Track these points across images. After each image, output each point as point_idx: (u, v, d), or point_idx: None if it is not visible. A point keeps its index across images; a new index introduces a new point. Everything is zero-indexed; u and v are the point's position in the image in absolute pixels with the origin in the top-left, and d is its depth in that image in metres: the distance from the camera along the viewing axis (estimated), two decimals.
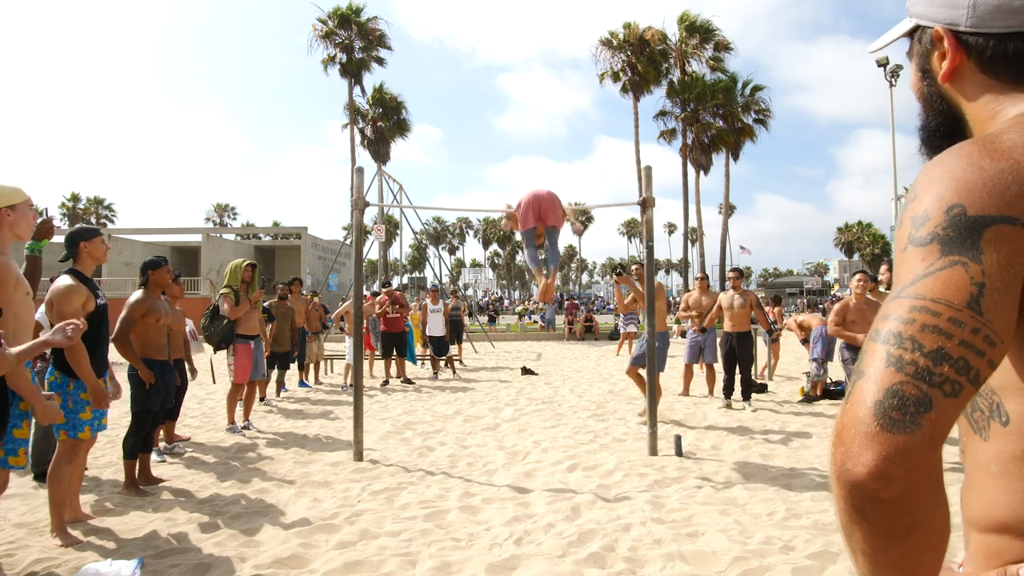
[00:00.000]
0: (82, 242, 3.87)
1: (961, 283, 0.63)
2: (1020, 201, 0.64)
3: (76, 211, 59.14)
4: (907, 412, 0.60)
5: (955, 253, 0.64)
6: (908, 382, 0.61)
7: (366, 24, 31.71)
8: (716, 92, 31.18)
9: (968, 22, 0.75)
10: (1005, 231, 0.64)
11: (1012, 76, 0.75)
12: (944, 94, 0.83)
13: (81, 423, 3.79)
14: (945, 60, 0.79)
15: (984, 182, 0.65)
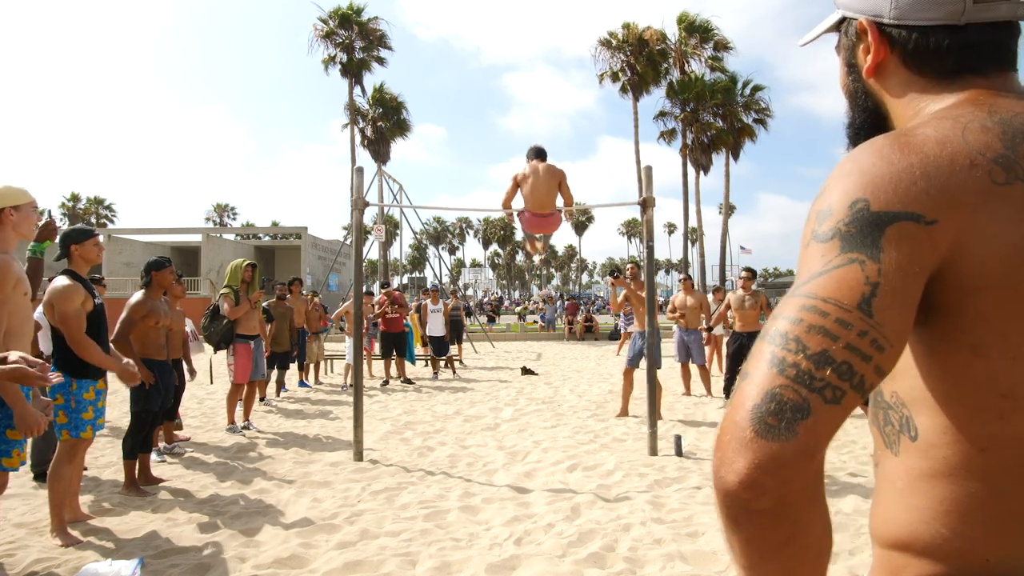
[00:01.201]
0: (72, 244, 3.86)
1: (855, 282, 0.59)
2: (926, 197, 0.61)
3: (76, 211, 59.15)
4: (783, 418, 0.56)
5: (854, 250, 0.61)
6: (788, 386, 0.57)
7: (366, 24, 31.71)
8: (716, 92, 31.17)
9: (891, 13, 0.72)
10: (908, 228, 0.60)
11: (935, 71, 0.72)
12: (869, 90, 0.80)
13: (83, 423, 3.80)
14: (869, 54, 0.76)
15: (891, 176, 0.62)
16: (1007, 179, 0.61)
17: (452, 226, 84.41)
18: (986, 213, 0.60)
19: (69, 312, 3.68)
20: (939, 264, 0.61)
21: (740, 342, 8.03)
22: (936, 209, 0.60)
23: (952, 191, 0.61)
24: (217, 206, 73.99)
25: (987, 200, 0.60)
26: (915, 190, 0.61)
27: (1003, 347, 0.61)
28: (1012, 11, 0.69)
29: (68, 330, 3.70)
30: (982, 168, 0.61)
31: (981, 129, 0.64)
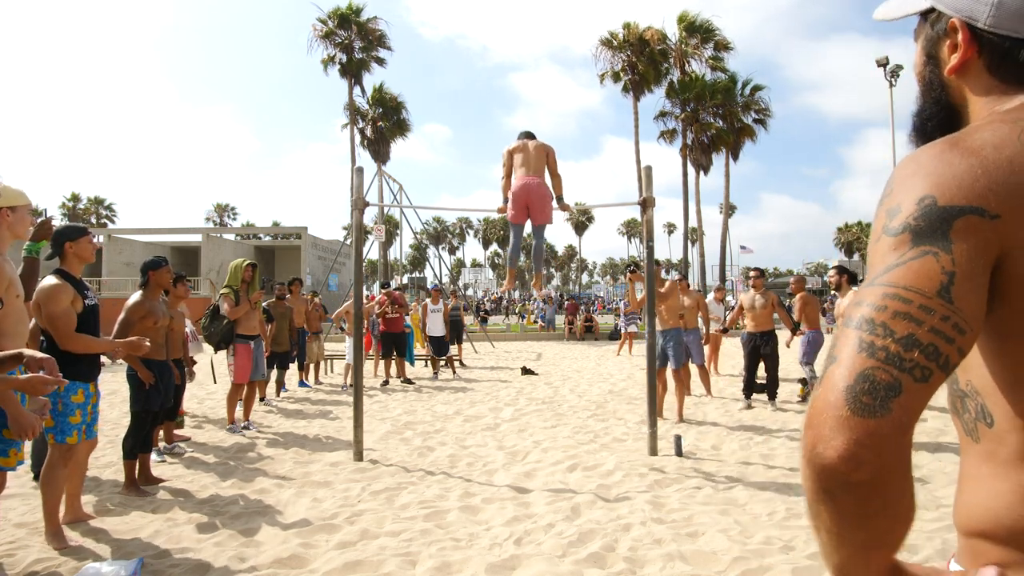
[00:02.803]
0: (67, 242, 3.81)
1: (932, 272, 0.64)
2: (989, 194, 0.65)
3: (76, 211, 59.16)
4: (878, 396, 0.61)
5: (926, 243, 0.65)
6: (879, 367, 0.62)
7: (366, 24, 31.69)
8: (716, 92, 31.17)
9: (988, 20, 0.74)
10: (974, 221, 0.65)
11: (1015, 79, 0.75)
12: (946, 84, 0.82)
13: (69, 427, 3.70)
14: (956, 52, 0.78)
15: (954, 175, 0.66)
16: None
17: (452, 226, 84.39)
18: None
19: (56, 312, 3.63)
20: (1001, 256, 0.65)
21: (754, 342, 8.02)
22: (999, 205, 0.65)
23: (1012, 189, 0.65)
24: (217, 206, 74.02)
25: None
26: (978, 187, 0.65)
27: None
28: None
29: (57, 330, 3.65)
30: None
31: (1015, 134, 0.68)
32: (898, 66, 22.93)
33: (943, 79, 0.82)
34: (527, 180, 5.50)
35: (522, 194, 5.48)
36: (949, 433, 6.39)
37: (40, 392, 2.59)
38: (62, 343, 3.65)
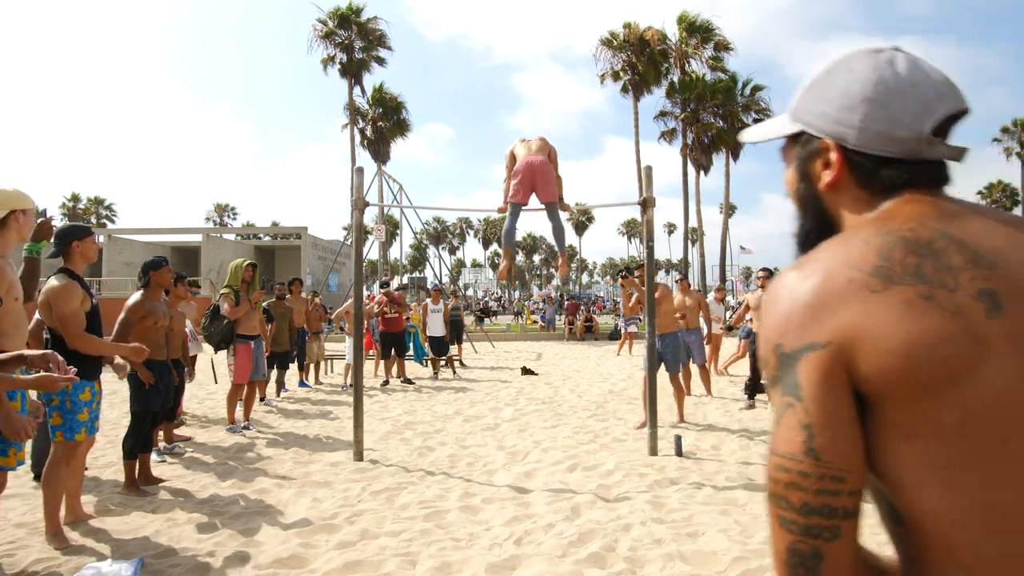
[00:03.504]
0: (75, 241, 3.84)
1: (794, 431, 0.68)
2: (815, 325, 0.69)
3: (76, 211, 59.17)
4: (808, 567, 0.67)
5: (787, 394, 0.70)
6: (798, 540, 0.67)
7: (366, 24, 31.69)
8: (716, 92, 31.19)
9: (855, 141, 0.80)
10: (811, 359, 0.68)
11: (881, 190, 0.81)
12: (820, 198, 0.86)
13: (78, 424, 3.76)
14: (827, 169, 0.83)
15: (792, 314, 0.71)
16: (883, 286, 0.68)
17: (452, 226, 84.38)
18: (868, 319, 0.67)
19: (67, 312, 3.66)
20: (850, 374, 0.68)
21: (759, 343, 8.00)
22: (826, 332, 0.68)
23: (834, 309, 0.68)
24: (217, 206, 74.01)
25: (866, 308, 0.67)
26: (808, 321, 0.69)
27: (929, 426, 0.66)
28: (948, 153, 0.80)
29: (67, 330, 3.68)
30: (857, 282, 0.69)
31: (863, 245, 0.72)
32: None
33: (818, 194, 0.86)
34: (530, 159, 5.46)
35: (527, 172, 5.42)
36: None
37: (52, 390, 2.61)
38: (72, 342, 3.68)
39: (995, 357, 0.65)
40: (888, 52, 0.81)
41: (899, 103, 0.78)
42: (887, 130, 0.78)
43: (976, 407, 0.65)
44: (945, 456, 0.66)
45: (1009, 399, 0.65)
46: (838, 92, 0.82)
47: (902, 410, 0.67)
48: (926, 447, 0.66)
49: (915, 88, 0.78)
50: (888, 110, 0.78)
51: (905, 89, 0.78)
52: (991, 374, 0.65)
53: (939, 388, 0.65)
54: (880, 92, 0.79)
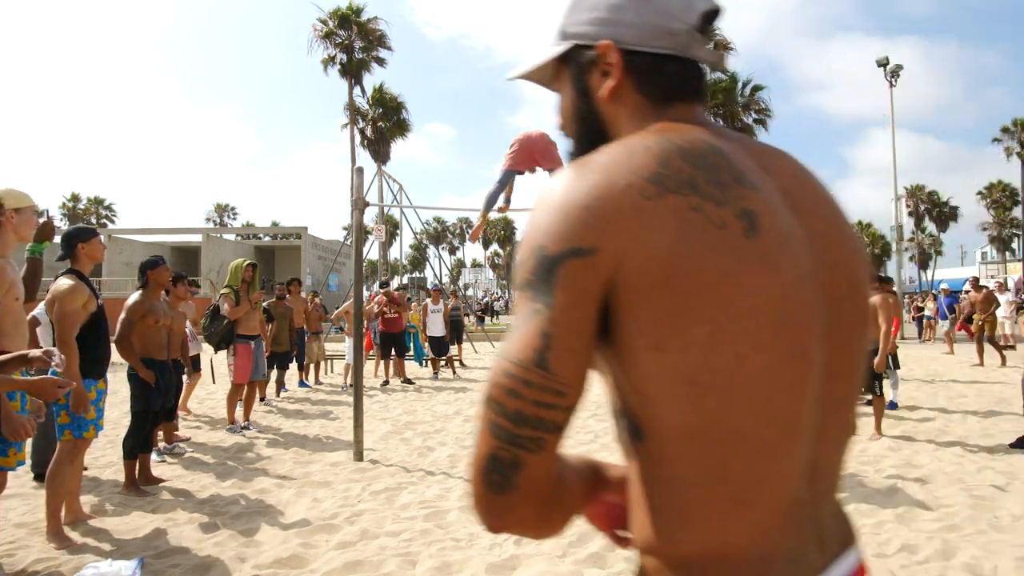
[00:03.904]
0: (80, 243, 3.88)
1: (533, 338, 0.66)
2: (584, 228, 0.66)
3: (76, 211, 59.14)
4: (504, 474, 0.66)
5: (537, 300, 0.66)
6: (501, 447, 0.66)
7: (366, 24, 31.69)
8: (716, 92, 31.18)
9: (633, 38, 0.78)
10: (573, 265, 0.65)
11: (658, 96, 0.79)
12: (600, 115, 0.83)
13: (86, 423, 3.79)
14: (607, 77, 0.80)
15: (563, 212, 0.67)
16: (658, 193, 0.66)
17: (452, 226, 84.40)
18: (639, 226, 0.65)
19: (67, 311, 3.67)
20: (608, 284, 0.66)
21: None
22: (595, 237, 0.65)
23: (608, 214, 0.65)
24: (217, 206, 73.99)
25: (639, 215, 0.65)
26: (578, 224, 0.66)
27: (676, 339, 0.65)
28: (711, 56, 0.83)
29: (60, 330, 3.68)
30: (635, 187, 0.66)
31: (644, 150, 0.69)
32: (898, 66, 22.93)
33: (598, 111, 0.83)
34: (529, 132, 5.26)
35: (525, 142, 5.19)
36: (950, 433, 6.40)
37: (52, 395, 2.60)
38: (59, 341, 3.67)
39: (747, 276, 0.66)
40: None
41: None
42: (661, 22, 0.77)
43: (724, 322, 0.65)
44: (691, 370, 0.66)
45: (752, 317, 0.66)
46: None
47: (657, 322, 0.66)
48: (674, 360, 0.66)
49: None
50: (656, 1, 0.78)
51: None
52: (741, 292, 0.65)
53: (694, 301, 0.65)
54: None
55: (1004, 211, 53.07)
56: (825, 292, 0.73)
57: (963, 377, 10.73)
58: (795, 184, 0.77)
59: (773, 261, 0.67)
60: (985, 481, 4.70)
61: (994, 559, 3.29)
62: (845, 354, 0.75)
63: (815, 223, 0.75)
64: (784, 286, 0.68)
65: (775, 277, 0.67)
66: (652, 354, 0.66)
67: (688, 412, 0.66)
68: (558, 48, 0.85)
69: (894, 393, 7.80)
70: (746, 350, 0.66)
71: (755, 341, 0.66)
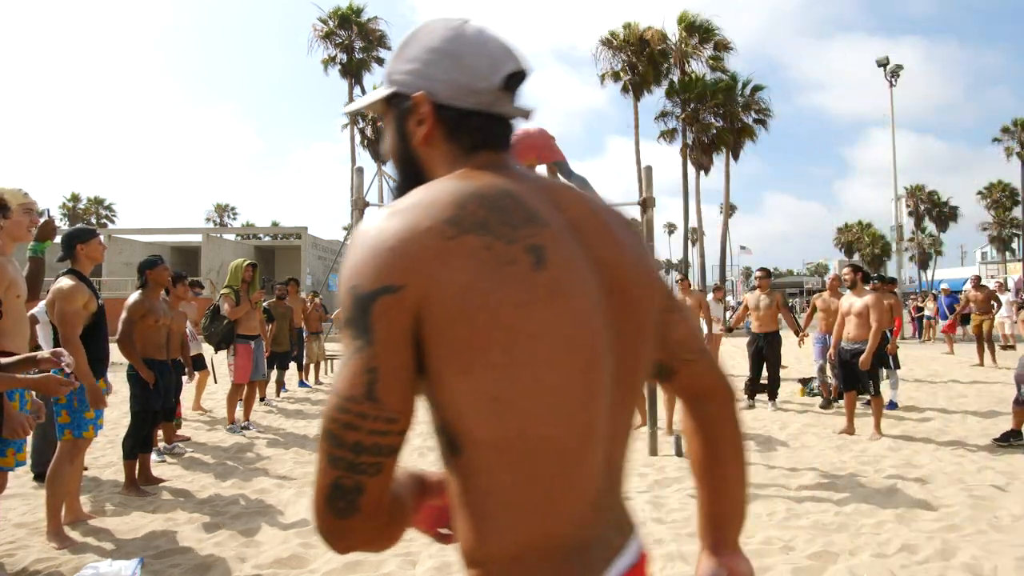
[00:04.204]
0: (79, 244, 3.89)
1: (360, 374, 0.72)
2: (391, 268, 0.72)
3: (76, 211, 59.15)
4: (348, 500, 0.73)
5: (358, 338, 0.72)
6: (343, 475, 0.72)
7: (366, 25, 31.71)
8: (716, 92, 31.16)
9: (443, 94, 0.87)
10: (385, 302, 0.71)
11: (465, 145, 0.89)
12: (417, 156, 0.92)
13: (86, 422, 3.79)
14: (421, 125, 0.89)
15: (373, 254, 0.73)
16: (456, 234, 0.73)
17: None
18: (440, 264, 0.72)
19: (68, 311, 3.68)
20: (416, 317, 0.73)
21: (758, 343, 7.99)
22: (402, 275, 0.72)
23: (412, 254, 0.72)
24: (217, 206, 73.96)
25: (439, 255, 0.72)
26: (386, 264, 0.72)
27: (479, 364, 0.73)
28: (517, 111, 0.92)
29: (63, 329, 3.69)
30: (435, 229, 0.73)
31: (445, 195, 0.77)
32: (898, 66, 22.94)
33: (414, 152, 0.92)
34: (528, 130, 5.23)
35: (523, 137, 5.16)
36: (949, 433, 6.40)
37: (56, 393, 2.61)
38: (63, 342, 3.68)
39: (537, 304, 0.74)
40: (461, 20, 0.92)
41: (473, 57, 0.88)
42: (468, 82, 0.87)
43: (519, 346, 0.73)
44: (494, 390, 0.74)
45: (544, 340, 0.74)
46: (422, 49, 0.90)
47: (461, 349, 0.73)
48: (479, 382, 0.73)
49: (485, 45, 0.89)
50: (465, 62, 0.87)
51: (477, 45, 0.89)
52: (532, 319, 0.74)
53: (492, 330, 0.72)
54: (457, 47, 0.88)
55: (1004, 211, 53.06)
56: (611, 312, 0.83)
57: (963, 377, 10.73)
58: (585, 217, 0.86)
59: (560, 289, 0.76)
60: (985, 481, 4.70)
61: (994, 559, 3.29)
62: (629, 364, 0.86)
63: (603, 251, 0.85)
64: (573, 311, 0.77)
65: (564, 303, 0.76)
66: (460, 377, 0.74)
67: (495, 427, 0.74)
68: (383, 92, 0.94)
69: (894, 393, 7.80)
70: (541, 369, 0.74)
71: (549, 360, 0.75)
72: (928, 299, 21.59)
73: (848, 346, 6.44)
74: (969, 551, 3.38)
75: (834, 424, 6.85)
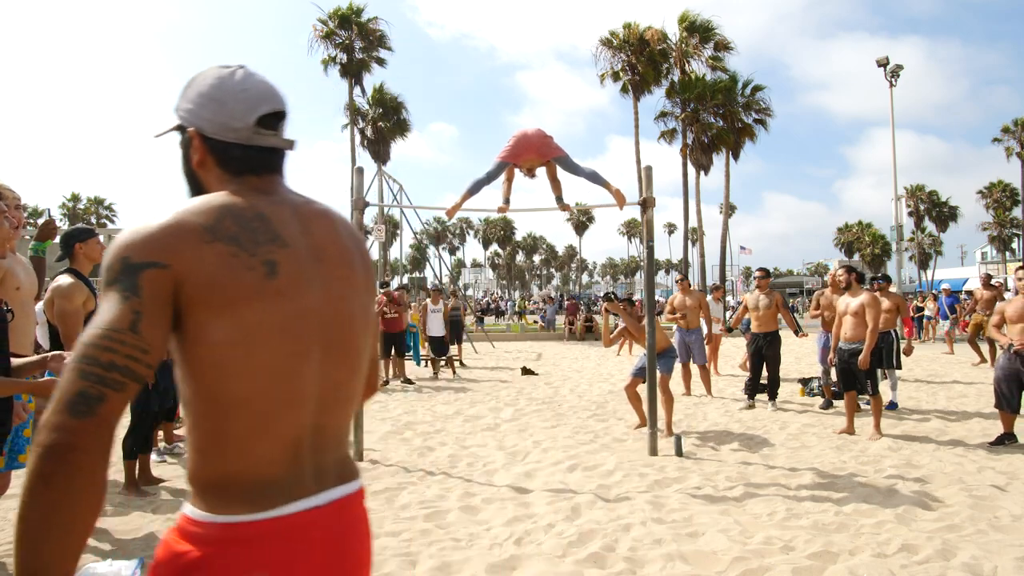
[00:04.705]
0: (78, 244, 3.89)
1: (127, 313, 0.94)
2: (161, 251, 0.97)
3: (76, 211, 59.11)
4: (89, 405, 0.88)
5: (126, 291, 0.95)
6: (90, 386, 0.89)
7: (366, 25, 31.66)
8: (716, 92, 31.12)
9: (210, 130, 1.12)
10: (153, 272, 0.96)
11: (231, 170, 1.13)
12: (196, 175, 1.16)
13: None
14: (196, 152, 1.14)
15: (147, 238, 0.98)
16: (211, 240, 1.00)
17: (452, 226, 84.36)
18: (197, 257, 0.98)
19: (68, 310, 3.69)
20: (175, 290, 0.97)
21: (757, 343, 7.98)
22: (168, 257, 0.97)
23: (176, 245, 0.98)
24: None
25: (196, 250, 0.99)
26: (157, 246, 0.97)
27: (213, 337, 1.00)
28: (278, 141, 1.16)
29: (65, 328, 3.70)
30: (196, 231, 1.00)
31: (210, 208, 1.03)
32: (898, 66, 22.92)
33: (194, 171, 1.16)
34: (526, 131, 5.23)
35: (521, 137, 5.18)
36: (949, 432, 6.40)
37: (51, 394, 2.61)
38: (65, 341, 3.69)
39: (264, 302, 1.01)
40: (234, 68, 1.15)
41: (233, 101, 1.11)
42: (227, 121, 1.11)
43: (243, 330, 1.00)
44: (220, 359, 1.01)
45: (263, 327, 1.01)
46: (196, 93, 1.14)
47: (201, 324, 0.99)
48: (211, 351, 1.00)
49: (245, 91, 1.12)
50: (226, 106, 1.11)
51: (237, 91, 1.12)
52: (256, 311, 1.01)
53: (225, 314, 0.99)
54: (221, 93, 1.11)
55: (1004, 211, 53.03)
56: (332, 316, 1.10)
57: (963, 377, 10.73)
58: (328, 242, 1.14)
59: (284, 294, 1.04)
60: (985, 481, 4.70)
61: (994, 559, 3.29)
62: (343, 353, 1.13)
63: (335, 270, 1.13)
64: (291, 309, 1.04)
65: (284, 304, 1.03)
66: (198, 345, 1.01)
67: (217, 386, 1.02)
68: (171, 124, 1.17)
69: (894, 394, 7.80)
70: (257, 349, 1.01)
71: (264, 344, 1.02)
72: (928, 299, 21.58)
73: (846, 346, 6.45)
74: (969, 551, 3.38)
75: (834, 424, 6.85)
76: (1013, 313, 5.72)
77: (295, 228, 1.09)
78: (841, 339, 6.53)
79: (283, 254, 1.05)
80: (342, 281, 1.13)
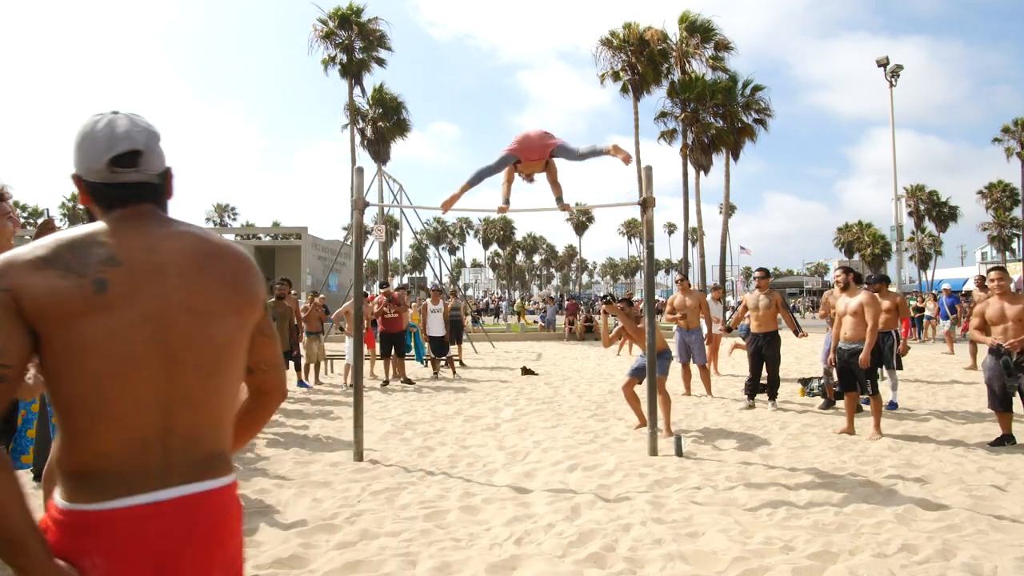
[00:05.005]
0: None
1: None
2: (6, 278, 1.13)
3: (76, 211, 59.12)
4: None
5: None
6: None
7: (366, 25, 31.66)
8: (716, 92, 31.12)
9: (82, 173, 1.29)
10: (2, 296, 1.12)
11: (103, 205, 1.29)
12: (87, 209, 1.34)
13: None
14: (79, 192, 1.32)
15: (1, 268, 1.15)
16: (43, 266, 1.15)
17: (452, 226, 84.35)
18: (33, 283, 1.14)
19: None
20: (18, 311, 1.13)
21: (757, 343, 7.97)
22: (9, 284, 1.13)
23: (14, 272, 1.14)
24: (217, 206, 73.97)
25: (29, 275, 1.14)
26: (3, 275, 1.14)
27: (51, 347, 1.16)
28: (133, 176, 1.29)
29: None
30: (32, 260, 1.16)
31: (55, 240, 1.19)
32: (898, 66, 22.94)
33: (86, 207, 1.33)
34: (528, 132, 5.32)
35: (524, 138, 5.27)
36: (949, 433, 6.40)
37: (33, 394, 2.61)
38: None
39: (93, 315, 1.15)
40: (104, 115, 1.30)
41: (90, 148, 1.27)
42: (89, 165, 1.27)
43: (75, 342, 1.14)
44: (58, 367, 1.16)
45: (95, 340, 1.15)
46: (74, 142, 1.30)
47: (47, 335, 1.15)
48: (51, 360, 1.16)
49: (100, 136, 1.26)
50: (87, 151, 1.27)
51: (94, 138, 1.27)
52: (86, 325, 1.15)
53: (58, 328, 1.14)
54: (82, 140, 1.28)
55: (1004, 211, 53.04)
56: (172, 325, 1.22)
57: (963, 377, 10.73)
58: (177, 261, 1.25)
59: (114, 308, 1.17)
60: (985, 481, 4.70)
61: (994, 559, 3.29)
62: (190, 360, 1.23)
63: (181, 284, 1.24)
64: (121, 320, 1.17)
65: (113, 315, 1.16)
66: (45, 354, 1.17)
67: (61, 388, 1.17)
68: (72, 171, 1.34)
69: (894, 394, 7.80)
70: (90, 357, 1.15)
71: (95, 350, 1.15)
72: (928, 299, 21.58)
73: (845, 346, 6.45)
74: (969, 551, 3.38)
75: (834, 424, 6.85)
76: (993, 315, 5.75)
77: (138, 249, 1.22)
78: (841, 339, 6.53)
79: (115, 272, 1.18)
80: (193, 294, 1.25)
